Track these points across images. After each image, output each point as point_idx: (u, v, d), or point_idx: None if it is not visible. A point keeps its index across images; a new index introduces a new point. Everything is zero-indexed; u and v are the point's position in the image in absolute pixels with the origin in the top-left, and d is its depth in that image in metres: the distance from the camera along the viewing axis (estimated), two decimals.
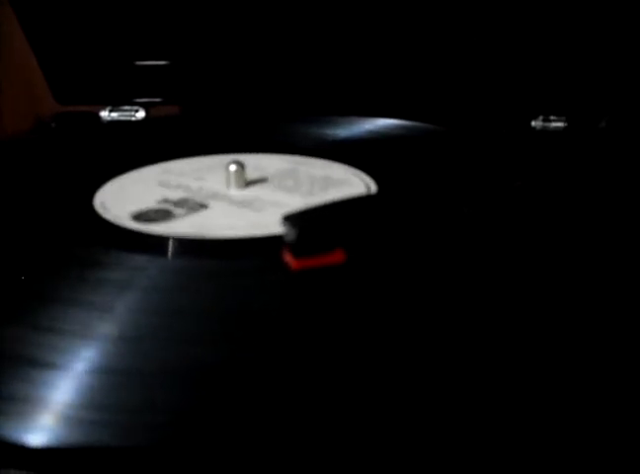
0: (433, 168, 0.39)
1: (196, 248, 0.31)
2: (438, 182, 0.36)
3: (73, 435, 0.20)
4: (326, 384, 0.22)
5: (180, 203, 0.35)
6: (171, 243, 0.31)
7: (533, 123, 0.46)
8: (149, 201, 0.35)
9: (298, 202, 0.34)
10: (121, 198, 0.36)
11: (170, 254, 0.31)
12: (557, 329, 0.24)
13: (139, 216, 0.33)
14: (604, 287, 0.27)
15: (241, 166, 0.36)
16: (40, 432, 0.20)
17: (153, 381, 0.22)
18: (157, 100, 0.52)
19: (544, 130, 0.46)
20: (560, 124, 0.46)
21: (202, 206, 0.34)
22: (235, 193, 0.36)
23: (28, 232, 0.33)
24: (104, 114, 0.52)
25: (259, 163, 0.39)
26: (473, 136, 0.44)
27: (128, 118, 0.51)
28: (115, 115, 0.52)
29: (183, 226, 0.32)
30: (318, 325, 0.25)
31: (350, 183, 0.37)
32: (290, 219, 0.28)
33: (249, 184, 0.36)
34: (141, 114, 0.51)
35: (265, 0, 0.49)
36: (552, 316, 0.25)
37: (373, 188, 0.36)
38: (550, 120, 0.46)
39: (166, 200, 0.35)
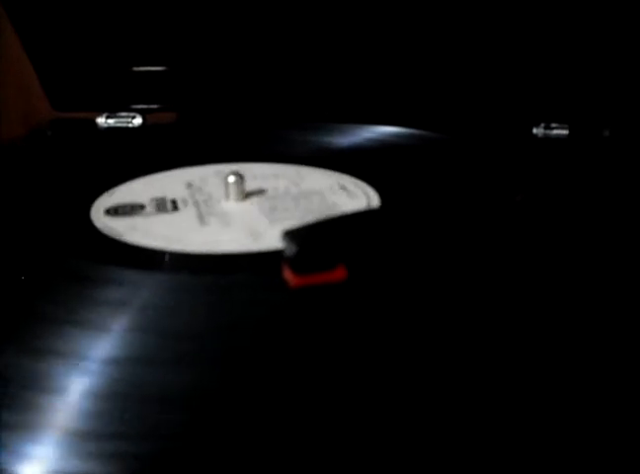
0: (434, 178, 0.38)
1: (194, 263, 0.30)
2: (440, 193, 0.36)
3: (70, 465, 0.20)
4: (327, 404, 0.22)
5: (178, 214, 0.34)
6: (168, 258, 0.30)
7: (535, 131, 0.46)
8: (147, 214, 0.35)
9: (298, 217, 0.34)
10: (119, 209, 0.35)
11: (167, 270, 0.30)
12: (562, 347, 0.24)
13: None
14: (609, 299, 0.26)
15: (240, 177, 0.35)
16: (33, 461, 0.20)
17: (153, 406, 0.22)
18: (154, 106, 0.52)
19: (546, 138, 0.46)
20: (562, 132, 0.45)
21: (201, 219, 0.34)
22: (234, 205, 0.35)
23: (21, 245, 0.33)
24: (100, 120, 0.51)
25: (259, 173, 0.39)
26: (474, 144, 0.43)
27: (125, 125, 0.51)
28: (111, 121, 0.51)
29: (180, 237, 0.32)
30: (319, 344, 0.24)
31: (351, 195, 0.36)
32: (290, 234, 0.27)
33: (248, 195, 0.36)
34: (138, 120, 0.51)
35: (262, 6, 0.48)
36: (558, 332, 0.25)
37: (375, 199, 0.35)
38: (552, 128, 0.46)
39: (164, 210, 0.35)
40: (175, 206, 0.35)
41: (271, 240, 0.31)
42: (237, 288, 0.28)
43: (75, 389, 0.22)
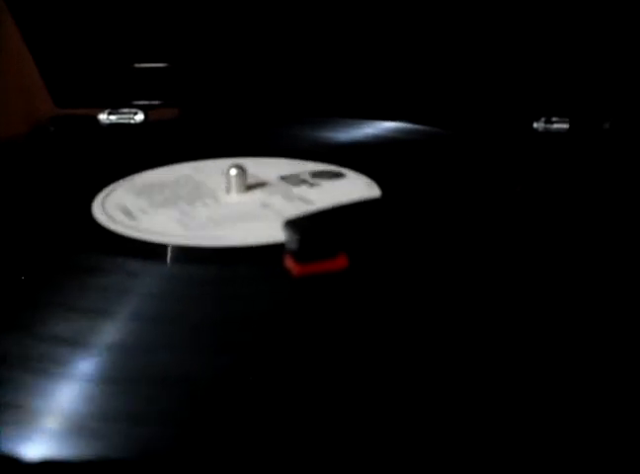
0: (435, 171, 0.38)
1: (195, 254, 0.30)
2: (441, 185, 0.36)
3: (70, 447, 0.20)
4: (329, 393, 0.22)
5: (182, 210, 0.34)
6: (169, 249, 0.30)
7: (535, 125, 0.46)
8: (148, 208, 0.35)
9: (300, 208, 0.34)
10: (121, 204, 0.35)
11: (168, 260, 0.30)
12: (563, 336, 0.24)
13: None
14: (609, 291, 0.26)
15: (242, 170, 0.36)
16: (35, 443, 0.20)
17: (153, 390, 0.22)
18: (156, 102, 0.52)
19: (546, 132, 0.46)
20: (562, 126, 0.45)
21: (202, 211, 0.34)
22: (236, 198, 0.35)
23: (25, 238, 0.33)
24: (102, 116, 0.51)
25: (260, 167, 0.39)
26: (475, 138, 0.44)
27: (127, 121, 0.51)
28: (113, 117, 0.51)
29: (182, 233, 0.32)
30: (321, 332, 0.24)
31: (352, 187, 0.36)
32: (292, 224, 0.27)
33: (250, 188, 0.36)
34: (140, 116, 0.51)
35: (264, 1, 0.48)
36: (558, 322, 0.25)
37: (376, 192, 0.35)
38: (552, 122, 0.46)
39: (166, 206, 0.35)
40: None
41: (270, 232, 0.31)
42: (239, 279, 0.28)
43: (78, 373, 0.23)
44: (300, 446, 0.20)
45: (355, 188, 0.36)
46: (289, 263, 0.27)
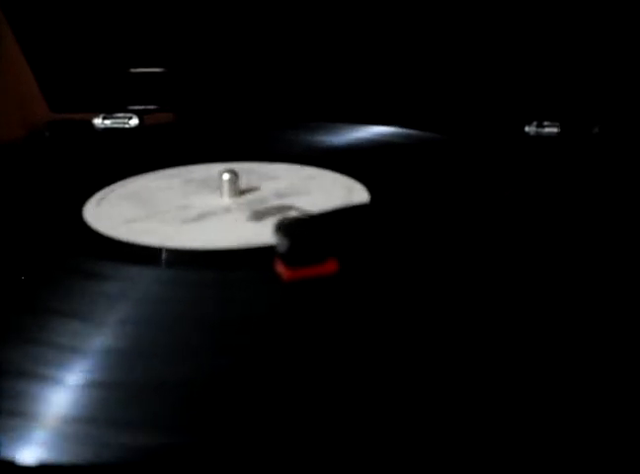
0: (426, 175, 0.39)
1: (188, 259, 0.30)
2: (431, 190, 0.36)
3: (66, 451, 0.20)
4: (321, 395, 0.22)
5: (173, 213, 0.35)
6: (163, 254, 0.31)
7: (527, 129, 0.46)
8: (141, 211, 0.35)
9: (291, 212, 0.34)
10: (114, 208, 0.35)
11: (162, 265, 0.31)
12: (555, 347, 0.24)
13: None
14: (601, 296, 0.27)
15: (235, 175, 0.36)
16: (31, 447, 0.20)
17: (148, 395, 0.22)
18: (151, 107, 0.52)
19: (538, 136, 0.46)
20: (554, 130, 0.46)
21: (196, 216, 0.34)
22: (228, 202, 0.36)
23: (21, 242, 0.33)
24: (97, 121, 0.52)
25: (254, 172, 0.39)
26: (467, 143, 0.44)
27: (122, 126, 0.51)
28: (108, 122, 0.51)
29: (176, 236, 0.32)
30: (312, 335, 0.25)
31: (343, 191, 0.37)
32: (283, 229, 0.28)
33: (242, 193, 0.36)
34: (135, 121, 0.51)
35: (259, 7, 0.49)
36: (551, 331, 0.25)
37: (366, 196, 0.36)
38: (544, 126, 0.46)
39: (160, 210, 0.35)
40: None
41: (261, 236, 0.31)
42: (230, 282, 0.29)
43: (73, 378, 0.23)
44: (297, 447, 0.20)
45: None
46: (280, 267, 0.27)
